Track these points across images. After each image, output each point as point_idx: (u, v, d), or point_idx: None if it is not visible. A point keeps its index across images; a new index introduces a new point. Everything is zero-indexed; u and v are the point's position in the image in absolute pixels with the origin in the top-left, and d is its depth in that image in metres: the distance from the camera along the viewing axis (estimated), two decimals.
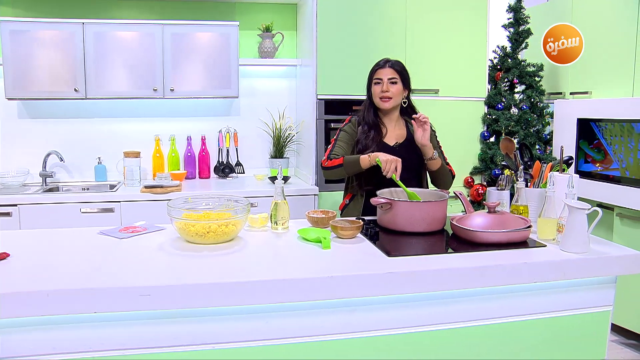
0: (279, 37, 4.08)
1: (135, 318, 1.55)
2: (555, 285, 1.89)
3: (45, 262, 1.76)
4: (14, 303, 1.44)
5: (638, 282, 3.07)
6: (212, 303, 1.55)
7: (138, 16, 3.87)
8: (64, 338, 1.52)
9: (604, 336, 2.00)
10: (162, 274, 1.63)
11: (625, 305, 3.13)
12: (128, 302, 1.50)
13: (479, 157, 4.01)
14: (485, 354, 1.84)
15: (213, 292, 1.53)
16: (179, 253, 1.84)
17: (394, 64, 2.55)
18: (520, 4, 3.93)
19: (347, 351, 1.70)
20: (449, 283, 1.71)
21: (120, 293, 1.49)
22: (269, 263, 1.79)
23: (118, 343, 1.55)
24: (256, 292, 1.56)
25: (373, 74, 2.57)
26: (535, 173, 2.31)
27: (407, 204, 2.11)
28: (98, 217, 3.31)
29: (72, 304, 1.47)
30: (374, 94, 2.55)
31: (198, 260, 1.76)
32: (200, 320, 1.59)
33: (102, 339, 1.54)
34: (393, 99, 2.51)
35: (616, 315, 3.06)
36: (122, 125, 3.98)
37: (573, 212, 1.88)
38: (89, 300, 1.48)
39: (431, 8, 3.79)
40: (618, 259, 1.90)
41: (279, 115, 4.18)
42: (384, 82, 2.51)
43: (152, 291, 1.51)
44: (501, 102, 3.93)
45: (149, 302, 1.51)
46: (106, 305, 1.49)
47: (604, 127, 3.35)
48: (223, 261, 1.76)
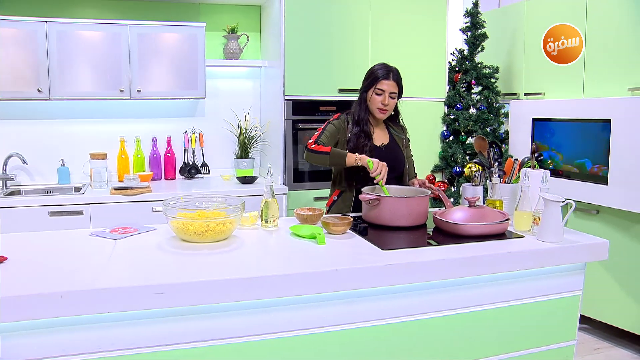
0: (244, 39, 4.11)
1: (143, 317, 1.57)
2: (532, 273, 2.03)
3: (47, 264, 1.74)
4: (26, 306, 1.44)
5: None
6: (226, 299, 1.59)
7: (101, 15, 3.81)
8: (73, 339, 1.52)
9: (574, 318, 2.17)
10: (173, 272, 1.66)
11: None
12: (143, 300, 1.52)
13: (440, 155, 4.18)
14: (476, 338, 1.98)
15: (227, 288, 1.58)
16: (179, 252, 1.87)
17: (397, 78, 2.63)
18: (477, 9, 4.13)
19: (350, 341, 1.78)
20: (443, 272, 1.83)
21: (134, 292, 1.51)
22: (272, 259, 1.85)
23: (128, 342, 1.57)
24: (267, 287, 1.62)
25: (376, 82, 2.61)
26: (508, 169, 2.47)
27: (394, 200, 2.22)
28: (67, 220, 3.24)
29: (86, 304, 1.48)
30: (373, 101, 2.62)
31: (202, 258, 1.80)
32: (210, 316, 1.63)
33: (111, 339, 1.55)
34: (389, 112, 2.62)
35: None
36: (86, 126, 3.90)
37: (549, 205, 2.03)
38: (104, 300, 1.49)
39: (394, 12, 3.92)
40: (588, 246, 2.07)
41: (244, 116, 4.21)
42: (386, 96, 2.59)
43: (166, 289, 1.54)
44: (460, 102, 4.11)
45: (163, 300, 1.54)
46: (121, 304, 1.51)
47: (557, 126, 3.58)
48: (227, 258, 1.80)
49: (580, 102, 3.43)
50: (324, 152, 2.50)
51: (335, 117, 2.71)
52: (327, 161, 2.51)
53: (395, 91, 2.61)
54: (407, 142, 2.80)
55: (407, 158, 2.77)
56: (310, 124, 3.83)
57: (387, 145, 2.69)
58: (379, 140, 2.68)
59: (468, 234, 2.10)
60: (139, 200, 3.40)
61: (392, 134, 2.73)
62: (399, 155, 2.70)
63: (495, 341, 2.03)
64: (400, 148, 2.73)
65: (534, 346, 2.11)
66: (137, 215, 3.33)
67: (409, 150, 2.81)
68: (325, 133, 2.62)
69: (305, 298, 1.71)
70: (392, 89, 2.60)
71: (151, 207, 3.42)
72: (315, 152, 2.53)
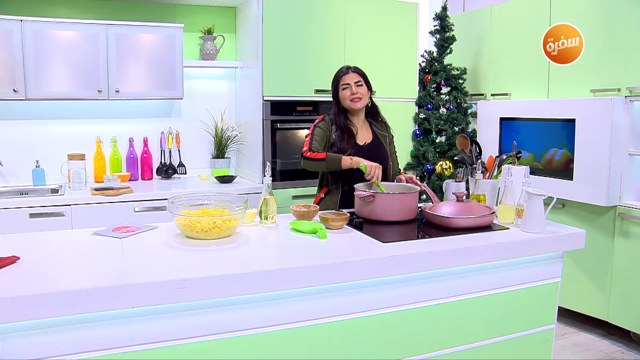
0: (221, 40, 4.15)
1: (160, 312, 1.62)
2: (516, 262, 2.18)
3: (61, 263, 1.77)
4: (52, 304, 1.46)
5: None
6: (244, 291, 1.66)
7: (77, 15, 3.77)
8: (93, 336, 1.55)
9: (554, 303, 2.34)
10: (190, 267, 1.71)
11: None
12: (165, 295, 1.57)
13: (412, 154, 4.33)
14: (469, 324, 2.12)
15: (245, 281, 1.65)
16: (189, 248, 1.92)
17: (356, 69, 2.78)
18: (446, 12, 4.30)
19: (358, 329, 1.88)
20: (442, 262, 1.95)
21: (158, 287, 1.56)
22: (282, 253, 1.94)
23: (147, 337, 1.61)
24: (284, 279, 1.70)
25: (339, 81, 2.75)
26: (489, 166, 2.62)
27: (387, 196, 2.33)
28: (48, 222, 3.21)
29: (112, 300, 1.52)
30: (344, 98, 2.73)
31: (214, 254, 1.86)
32: (226, 309, 1.69)
33: (130, 335, 1.59)
34: (362, 99, 2.72)
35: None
36: (61, 127, 3.86)
37: (532, 198, 2.19)
38: (129, 296, 1.53)
39: (367, 16, 4.04)
40: (567, 236, 2.24)
41: (220, 116, 4.25)
42: (352, 86, 2.71)
43: (187, 284, 1.59)
44: (430, 102, 4.27)
45: (185, 294, 1.59)
46: (145, 299, 1.56)
47: (524, 125, 3.78)
48: (238, 253, 1.87)
49: (547, 102, 3.64)
50: (320, 159, 2.60)
51: (319, 120, 2.80)
52: (323, 167, 2.62)
53: (359, 80, 2.74)
54: (390, 139, 2.91)
55: (390, 155, 2.88)
56: (288, 123, 3.91)
57: (370, 143, 2.79)
58: (362, 139, 2.79)
59: (458, 226, 2.23)
60: (120, 200, 3.39)
61: (375, 133, 2.84)
62: (382, 154, 2.81)
63: (485, 327, 2.17)
64: (383, 146, 2.84)
65: (518, 330, 2.26)
66: (119, 216, 3.33)
67: (392, 147, 2.92)
68: (316, 138, 2.71)
69: (316, 289, 1.80)
70: (355, 79, 2.73)
71: (133, 207, 3.42)
72: (311, 159, 2.63)
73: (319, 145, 2.69)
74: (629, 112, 3.21)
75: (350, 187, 2.65)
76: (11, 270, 1.64)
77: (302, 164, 2.68)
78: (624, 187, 3.25)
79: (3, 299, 1.41)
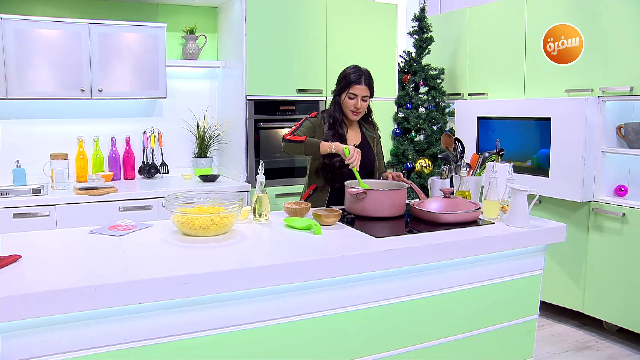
0: (203, 39, 4.16)
1: (165, 307, 1.66)
2: (501, 255, 2.27)
3: (63, 261, 1.79)
4: (62, 300, 1.48)
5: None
6: (248, 286, 1.71)
7: (58, 14, 3.74)
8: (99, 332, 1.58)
9: (537, 294, 2.45)
10: (194, 263, 1.74)
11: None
12: (172, 290, 1.61)
13: (391, 152, 4.42)
14: (459, 315, 2.20)
15: (248, 276, 1.69)
16: (189, 245, 1.96)
17: (369, 81, 2.77)
18: (424, 13, 4.40)
19: (355, 321, 1.95)
20: (434, 256, 2.03)
21: (164, 282, 1.60)
22: (280, 249, 1.98)
23: (152, 332, 1.64)
24: (285, 274, 1.75)
25: (348, 87, 2.74)
26: (473, 163, 2.71)
27: (379, 193, 2.40)
28: (33, 222, 3.19)
29: (120, 296, 1.55)
30: (346, 104, 2.76)
31: (214, 251, 1.89)
32: (230, 304, 1.73)
33: (135, 330, 1.62)
34: (362, 113, 2.79)
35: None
36: (42, 127, 3.82)
37: (516, 194, 2.28)
38: (136, 292, 1.56)
39: (348, 17, 4.11)
40: (550, 230, 2.34)
41: (202, 116, 4.26)
42: (358, 99, 2.74)
43: (193, 279, 1.63)
44: (409, 102, 4.37)
45: (191, 289, 1.63)
46: (152, 295, 1.59)
47: (501, 123, 3.90)
48: (237, 249, 1.91)
49: (523, 102, 3.77)
50: (299, 141, 2.64)
51: (312, 115, 2.85)
52: (302, 150, 2.65)
53: (366, 94, 2.77)
54: (377, 140, 2.98)
55: (377, 155, 2.95)
56: (271, 123, 3.96)
57: (359, 145, 2.85)
58: (352, 140, 2.85)
59: (446, 221, 2.31)
60: (105, 200, 3.39)
61: (364, 133, 2.91)
62: (369, 155, 2.87)
63: (473, 318, 2.26)
64: (371, 147, 2.91)
65: (503, 321, 2.36)
66: (105, 216, 3.32)
67: (379, 147, 2.99)
68: (302, 127, 2.75)
69: (315, 283, 1.85)
70: (364, 93, 2.76)
71: (118, 206, 3.42)
72: (291, 141, 2.66)
73: (303, 134, 2.72)
74: (602, 111, 3.35)
75: (339, 184, 2.72)
76: (15, 269, 1.65)
77: (283, 147, 2.71)
78: (597, 183, 3.39)
79: (12, 296, 1.43)
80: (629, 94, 3.20)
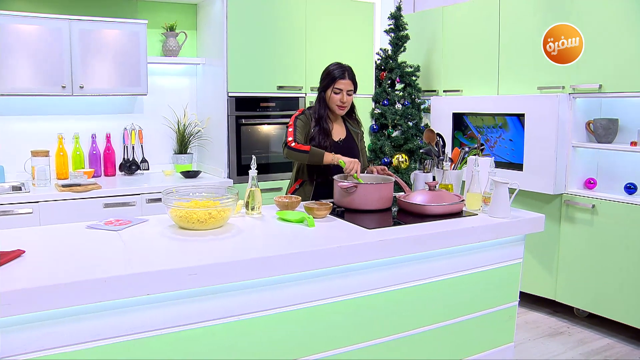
0: (183, 36, 4.17)
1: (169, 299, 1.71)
2: (484, 245, 2.39)
3: (67, 255, 1.81)
4: (71, 293, 1.52)
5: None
6: (250, 276, 1.77)
7: (37, 9, 3.69)
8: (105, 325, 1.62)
9: (516, 282, 2.58)
10: (197, 255, 1.79)
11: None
12: (178, 282, 1.66)
13: (369, 147, 4.51)
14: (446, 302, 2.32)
15: (251, 267, 1.76)
16: (188, 238, 2.00)
17: (352, 76, 2.86)
18: (400, 12, 4.50)
19: (351, 310, 2.03)
20: (424, 245, 2.13)
21: (171, 274, 1.65)
22: (278, 241, 2.04)
23: (158, 323, 1.70)
24: (285, 264, 1.83)
25: (333, 82, 2.82)
26: (455, 158, 2.82)
27: (368, 187, 2.49)
28: (16, 219, 3.16)
29: (129, 288, 1.59)
30: (332, 100, 2.83)
31: (213, 244, 1.95)
32: (232, 294, 1.80)
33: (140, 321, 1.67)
34: (347, 107, 2.87)
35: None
36: (21, 124, 3.78)
37: (498, 186, 2.40)
38: (144, 284, 1.61)
39: (327, 15, 4.18)
40: (530, 220, 2.47)
41: (183, 112, 4.28)
42: (343, 94, 2.82)
43: (199, 270, 1.69)
44: (386, 98, 4.47)
45: (197, 280, 1.68)
46: (159, 286, 1.64)
47: (474, 119, 4.04)
48: (236, 242, 1.97)
49: (497, 98, 3.90)
50: (304, 151, 2.71)
51: (299, 112, 2.91)
52: (306, 159, 2.73)
53: (351, 88, 2.86)
54: (361, 136, 3.07)
55: (360, 150, 3.03)
56: (252, 119, 4.00)
57: (344, 139, 2.94)
58: (337, 135, 2.93)
59: (432, 213, 2.41)
60: (88, 196, 3.38)
61: (348, 129, 2.99)
62: (354, 150, 2.96)
63: (456, 305, 2.37)
64: (355, 142, 2.99)
65: (485, 308, 2.48)
66: (89, 212, 3.32)
67: (362, 143, 3.08)
68: (298, 129, 2.81)
69: (312, 273, 1.93)
70: (349, 87, 2.84)
71: (102, 203, 3.42)
72: (295, 150, 2.73)
73: (301, 137, 2.80)
74: (572, 108, 3.51)
75: (323, 179, 2.80)
76: (20, 263, 1.68)
77: (285, 153, 2.78)
78: (568, 176, 3.55)
79: (22, 289, 1.46)
80: (597, 92, 3.37)
